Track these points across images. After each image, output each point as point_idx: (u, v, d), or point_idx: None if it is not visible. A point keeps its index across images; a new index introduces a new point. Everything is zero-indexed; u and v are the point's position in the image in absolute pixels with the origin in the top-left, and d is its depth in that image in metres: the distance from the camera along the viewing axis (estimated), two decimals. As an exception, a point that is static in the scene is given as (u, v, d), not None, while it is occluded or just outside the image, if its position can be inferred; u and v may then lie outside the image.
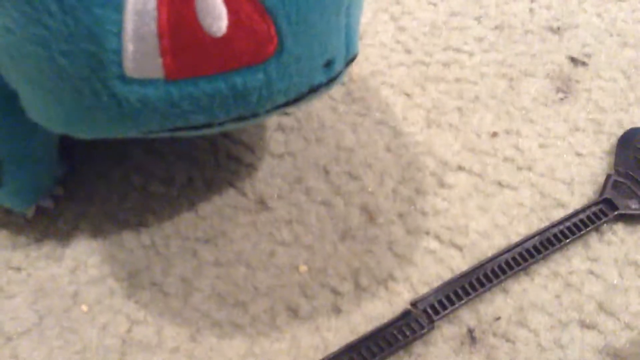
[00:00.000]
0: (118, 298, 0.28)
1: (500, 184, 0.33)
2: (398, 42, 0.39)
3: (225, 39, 0.19)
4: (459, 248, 0.31)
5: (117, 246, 0.29)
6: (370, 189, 0.32)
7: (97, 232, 0.30)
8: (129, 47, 0.19)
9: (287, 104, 0.23)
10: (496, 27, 0.40)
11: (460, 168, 0.34)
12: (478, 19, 0.41)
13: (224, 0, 0.19)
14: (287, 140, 0.34)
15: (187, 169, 0.32)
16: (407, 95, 0.37)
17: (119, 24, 0.19)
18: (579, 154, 0.35)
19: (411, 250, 0.31)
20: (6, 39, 0.20)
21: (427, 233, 0.31)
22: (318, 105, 0.36)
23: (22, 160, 0.27)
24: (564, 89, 0.38)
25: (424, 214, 0.32)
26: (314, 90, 0.23)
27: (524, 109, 0.36)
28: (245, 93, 0.21)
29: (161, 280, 0.29)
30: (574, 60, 0.39)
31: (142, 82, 0.20)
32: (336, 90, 0.37)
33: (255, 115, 0.22)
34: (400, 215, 0.32)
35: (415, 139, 0.35)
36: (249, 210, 0.31)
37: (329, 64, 0.23)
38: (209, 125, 0.22)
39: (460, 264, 0.30)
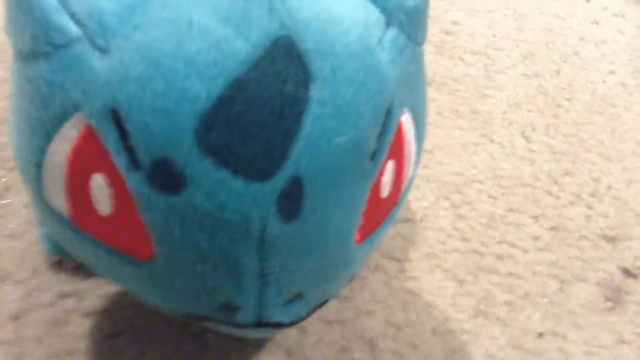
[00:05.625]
0: None
1: (541, 386, 0.34)
2: (456, 229, 0.42)
3: None
4: None
5: (167, 389, 0.31)
6: (412, 371, 0.33)
7: (151, 372, 0.32)
8: None
9: None
10: (552, 229, 0.43)
11: (503, 364, 0.35)
12: (535, 218, 0.43)
13: None
14: (339, 309, 0.36)
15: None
16: (459, 281, 0.39)
17: None
18: (624, 368, 0.35)
19: None
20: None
21: None
22: (372, 277, 0.38)
23: None
24: (613, 298, 0.39)
25: (462, 405, 0.32)
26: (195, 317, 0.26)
27: (572, 313, 0.37)
28: None
29: None
30: (625, 271, 0.40)
31: None
32: (391, 266, 0.39)
33: None
34: (439, 403, 0.32)
35: (462, 326, 0.36)
36: (294, 373, 0.33)
37: (229, 307, 0.25)
38: None
39: None
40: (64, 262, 0.35)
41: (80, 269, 0.35)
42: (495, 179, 0.46)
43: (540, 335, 0.36)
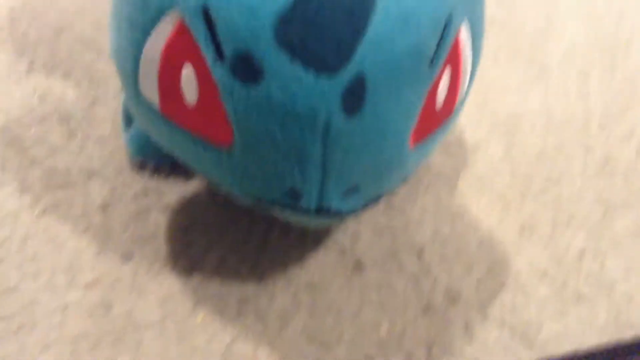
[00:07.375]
0: (227, 316, 0.33)
1: (579, 295, 0.36)
2: (505, 160, 0.44)
3: None
4: (530, 343, 0.34)
5: (234, 273, 0.35)
6: (457, 275, 0.36)
7: (221, 259, 0.35)
8: None
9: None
10: (601, 160, 0.44)
11: (544, 274, 0.37)
12: (585, 150, 0.45)
13: None
14: (390, 217, 0.39)
15: (303, 227, 0.38)
16: (506, 202, 0.41)
17: None
18: (661, 285, 0.37)
19: (485, 335, 0.34)
20: None
21: (503, 324, 0.34)
22: (424, 193, 0.41)
23: None
24: (658, 225, 0.40)
25: (502, 305, 0.35)
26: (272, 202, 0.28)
27: (615, 235, 0.39)
28: None
29: (264, 309, 0.34)
30: (671, 201, 0.41)
31: None
32: (443, 184, 0.41)
33: None
34: (481, 303, 0.35)
35: (506, 241, 0.38)
36: (346, 267, 0.36)
37: (294, 193, 0.27)
38: None
39: (526, 358, 0.33)
40: (146, 163, 0.39)
41: (159, 170, 0.39)
42: (548, 114, 0.47)
43: (582, 251, 0.38)
